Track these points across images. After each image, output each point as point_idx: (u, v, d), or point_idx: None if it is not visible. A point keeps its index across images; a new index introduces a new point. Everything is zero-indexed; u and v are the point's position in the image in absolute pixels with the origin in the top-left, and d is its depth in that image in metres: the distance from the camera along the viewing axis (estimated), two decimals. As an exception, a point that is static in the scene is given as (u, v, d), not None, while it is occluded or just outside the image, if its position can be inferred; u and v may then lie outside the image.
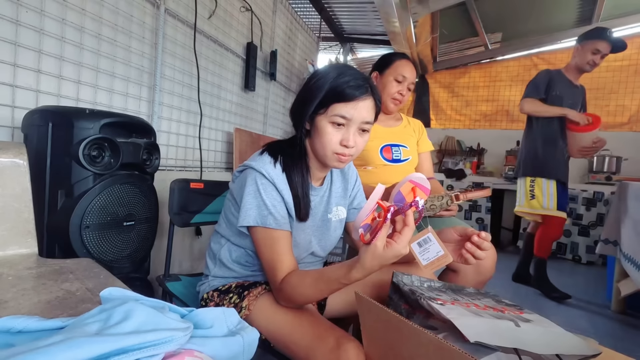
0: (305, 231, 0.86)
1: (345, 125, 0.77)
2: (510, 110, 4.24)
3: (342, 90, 0.75)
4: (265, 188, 0.78)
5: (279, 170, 0.80)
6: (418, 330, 0.53)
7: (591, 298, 2.29)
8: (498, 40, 4.12)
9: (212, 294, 0.87)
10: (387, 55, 1.44)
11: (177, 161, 1.93)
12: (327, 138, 0.78)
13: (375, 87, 0.81)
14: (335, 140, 0.77)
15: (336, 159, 0.79)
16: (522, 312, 0.70)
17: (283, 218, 0.78)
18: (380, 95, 0.82)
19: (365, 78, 0.79)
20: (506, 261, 3.25)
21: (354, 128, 0.77)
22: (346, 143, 0.77)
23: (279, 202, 0.79)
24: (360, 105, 0.76)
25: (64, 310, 0.61)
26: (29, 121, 1.09)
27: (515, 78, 4.24)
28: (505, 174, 3.69)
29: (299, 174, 0.82)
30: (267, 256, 0.77)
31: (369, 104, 0.78)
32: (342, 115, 0.76)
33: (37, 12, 1.22)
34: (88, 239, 1.06)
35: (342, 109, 0.76)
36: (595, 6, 3.39)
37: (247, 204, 0.78)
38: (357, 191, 1.00)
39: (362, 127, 0.78)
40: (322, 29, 3.56)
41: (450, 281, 1.19)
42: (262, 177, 0.78)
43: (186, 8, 1.87)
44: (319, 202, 0.89)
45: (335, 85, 0.76)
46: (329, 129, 0.77)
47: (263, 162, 0.80)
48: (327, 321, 0.74)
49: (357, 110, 0.76)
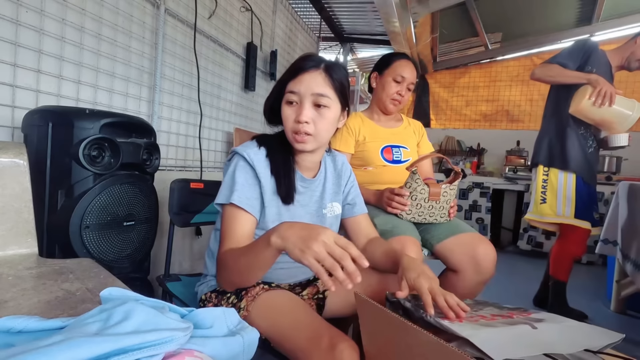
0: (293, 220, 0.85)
1: (299, 102, 0.79)
2: (511, 111, 4.24)
3: (292, 68, 0.80)
4: (241, 169, 0.80)
5: (262, 155, 0.82)
6: (418, 331, 0.53)
7: (591, 298, 2.29)
8: (498, 41, 4.12)
9: (210, 295, 0.87)
10: (387, 55, 1.44)
11: (177, 161, 1.93)
12: (284, 117, 0.80)
13: (335, 64, 0.82)
14: (291, 118, 0.79)
15: (294, 139, 0.80)
16: (530, 313, 0.69)
17: (249, 199, 0.79)
18: (344, 73, 0.84)
19: (318, 57, 0.81)
20: (506, 261, 3.26)
21: (308, 103, 0.78)
22: (299, 118, 0.78)
23: (251, 184, 0.80)
24: (307, 78, 0.78)
25: (64, 311, 0.61)
26: (29, 121, 1.09)
27: (515, 78, 4.23)
28: (505, 174, 3.69)
29: (281, 157, 0.84)
30: (223, 231, 0.78)
31: (316, 76, 0.78)
32: (291, 90, 0.78)
33: (37, 12, 1.22)
34: (88, 239, 1.06)
35: (291, 85, 0.79)
36: (595, 6, 3.39)
37: (223, 184, 0.81)
38: (351, 187, 1.00)
39: (317, 101, 0.79)
40: (322, 29, 3.57)
41: (450, 281, 1.19)
42: (242, 159, 0.81)
43: (186, 8, 1.87)
44: (311, 196, 0.90)
45: (289, 67, 0.81)
46: (285, 108, 0.80)
47: (247, 146, 0.83)
48: (323, 321, 0.74)
49: (303, 83, 0.78)
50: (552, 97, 1.89)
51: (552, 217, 1.80)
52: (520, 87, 4.19)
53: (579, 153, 1.77)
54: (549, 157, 1.83)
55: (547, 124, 1.89)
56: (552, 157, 1.82)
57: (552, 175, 1.81)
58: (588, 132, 1.79)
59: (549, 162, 1.83)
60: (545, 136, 1.87)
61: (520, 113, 4.15)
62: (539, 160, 1.87)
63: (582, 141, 1.78)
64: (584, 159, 1.78)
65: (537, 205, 1.86)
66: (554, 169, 1.81)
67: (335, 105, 0.81)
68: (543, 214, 1.83)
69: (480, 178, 3.78)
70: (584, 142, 1.79)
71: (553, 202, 1.80)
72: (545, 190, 1.83)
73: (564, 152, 1.78)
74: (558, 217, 1.79)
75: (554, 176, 1.81)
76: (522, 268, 3.09)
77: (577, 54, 1.74)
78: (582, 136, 1.79)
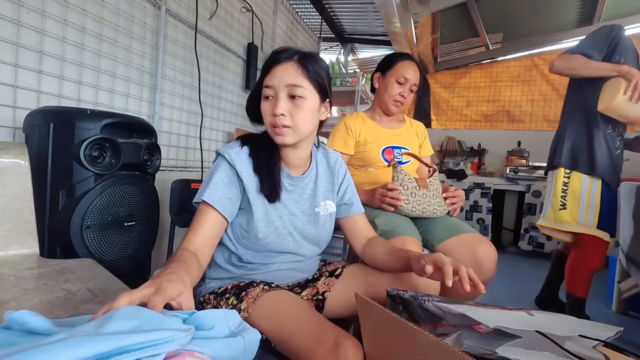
0: (282, 219, 0.85)
1: (275, 96, 0.79)
2: (511, 111, 4.23)
3: (265, 64, 0.80)
4: (219, 169, 0.80)
5: (245, 154, 0.83)
6: (418, 331, 0.53)
7: (592, 298, 2.28)
8: (499, 41, 4.11)
9: (209, 297, 0.87)
10: (390, 55, 1.43)
11: (178, 161, 1.93)
12: (262, 113, 0.81)
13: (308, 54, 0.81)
14: (268, 113, 0.79)
15: (273, 132, 0.80)
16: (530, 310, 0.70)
17: (220, 198, 0.78)
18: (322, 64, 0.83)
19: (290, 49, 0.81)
20: (507, 261, 3.25)
21: (282, 95, 0.78)
22: (275, 111, 0.78)
23: (226, 184, 0.80)
24: (279, 70, 0.78)
25: (65, 311, 0.61)
26: (31, 121, 1.09)
27: (516, 78, 4.23)
28: (506, 174, 3.69)
29: (264, 155, 0.84)
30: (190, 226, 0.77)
31: (288, 67, 0.78)
32: (266, 85, 0.79)
33: (38, 13, 1.22)
34: (89, 239, 1.06)
35: (266, 80, 0.79)
36: (596, 6, 3.39)
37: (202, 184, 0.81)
38: (347, 186, 0.99)
39: (291, 92, 0.78)
40: (322, 29, 3.57)
41: (450, 281, 1.19)
42: (223, 159, 0.81)
43: (187, 9, 1.88)
44: (301, 194, 0.89)
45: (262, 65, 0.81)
46: (263, 104, 0.80)
47: (230, 146, 0.83)
48: (326, 320, 0.74)
49: (276, 76, 0.78)
50: (575, 92, 1.68)
51: (573, 225, 1.60)
52: (521, 87, 4.18)
53: (606, 155, 1.58)
54: (571, 159, 1.63)
55: (567, 122, 1.68)
56: (575, 159, 1.62)
57: (574, 179, 1.61)
58: (616, 131, 1.60)
59: (572, 165, 1.62)
60: (566, 135, 1.66)
61: (521, 113, 4.15)
62: (560, 162, 1.65)
63: (610, 142, 1.59)
64: (611, 163, 1.59)
65: (554, 211, 1.66)
66: (577, 173, 1.61)
67: (311, 95, 0.80)
68: (562, 221, 1.64)
69: (481, 178, 3.77)
70: (612, 143, 1.60)
71: (574, 209, 1.60)
72: (565, 195, 1.63)
73: (591, 155, 1.58)
74: (579, 226, 1.60)
75: (577, 180, 1.61)
76: (523, 269, 3.09)
77: (602, 43, 1.53)
78: (610, 136, 1.59)
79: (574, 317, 0.63)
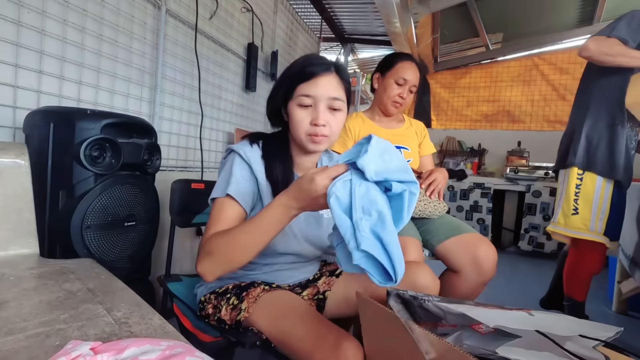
0: None
1: (313, 105, 0.80)
2: (511, 111, 4.23)
3: (303, 70, 0.80)
4: (237, 165, 0.81)
5: (257, 154, 0.83)
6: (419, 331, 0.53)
7: (592, 298, 2.28)
8: (499, 41, 4.11)
9: (209, 297, 0.87)
10: (389, 56, 1.42)
11: (178, 162, 1.93)
12: (297, 120, 0.80)
13: (342, 66, 0.84)
14: (305, 121, 0.80)
15: (310, 140, 0.81)
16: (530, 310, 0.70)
17: (243, 194, 0.79)
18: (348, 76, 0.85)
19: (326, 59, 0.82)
20: (507, 262, 3.26)
21: (322, 106, 0.79)
22: (316, 121, 0.79)
23: (247, 179, 0.81)
24: (322, 82, 0.79)
25: (65, 311, 0.61)
26: (31, 122, 1.09)
27: (516, 78, 4.23)
28: (506, 174, 3.69)
29: (279, 160, 0.84)
30: (212, 219, 0.78)
31: (331, 80, 0.80)
32: (306, 94, 0.79)
33: (38, 13, 1.22)
34: (89, 239, 1.06)
35: (305, 89, 0.79)
36: (596, 7, 3.39)
37: (219, 180, 0.82)
38: None
39: (331, 105, 0.80)
40: (323, 29, 3.56)
41: (450, 281, 1.19)
42: (238, 156, 0.82)
43: (187, 9, 1.88)
44: None
45: (297, 69, 0.81)
46: (298, 111, 0.80)
47: (242, 144, 0.84)
48: (327, 321, 0.74)
49: (319, 87, 0.78)
50: (596, 83, 1.50)
51: (584, 232, 1.48)
52: (522, 87, 4.18)
53: (624, 157, 1.45)
54: (586, 158, 1.48)
55: (582, 118, 1.51)
56: (591, 159, 1.47)
57: (587, 181, 1.48)
58: (634, 130, 1.49)
59: (587, 165, 1.48)
60: (580, 132, 1.50)
61: (521, 113, 4.15)
62: (574, 161, 1.49)
63: (629, 142, 1.47)
64: (627, 165, 1.47)
65: (565, 217, 1.52)
66: (591, 174, 1.47)
67: (345, 106, 0.83)
68: (573, 227, 1.51)
69: (481, 178, 3.77)
70: (629, 142, 1.48)
71: (586, 214, 1.48)
72: (577, 199, 1.50)
73: (612, 156, 1.44)
74: (590, 233, 1.48)
75: (591, 182, 1.47)
76: (523, 269, 3.09)
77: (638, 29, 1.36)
78: (629, 136, 1.47)
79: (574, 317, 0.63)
